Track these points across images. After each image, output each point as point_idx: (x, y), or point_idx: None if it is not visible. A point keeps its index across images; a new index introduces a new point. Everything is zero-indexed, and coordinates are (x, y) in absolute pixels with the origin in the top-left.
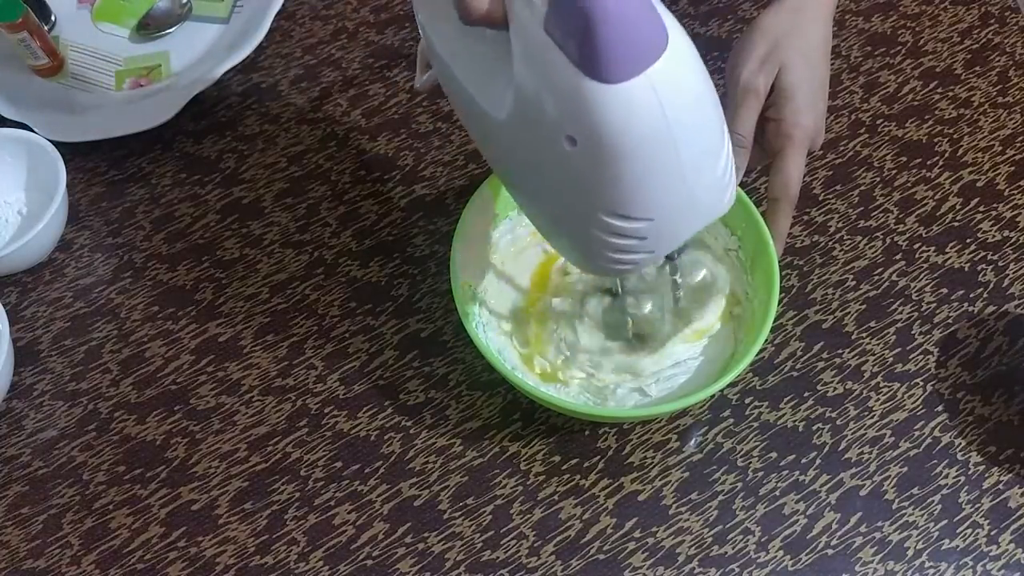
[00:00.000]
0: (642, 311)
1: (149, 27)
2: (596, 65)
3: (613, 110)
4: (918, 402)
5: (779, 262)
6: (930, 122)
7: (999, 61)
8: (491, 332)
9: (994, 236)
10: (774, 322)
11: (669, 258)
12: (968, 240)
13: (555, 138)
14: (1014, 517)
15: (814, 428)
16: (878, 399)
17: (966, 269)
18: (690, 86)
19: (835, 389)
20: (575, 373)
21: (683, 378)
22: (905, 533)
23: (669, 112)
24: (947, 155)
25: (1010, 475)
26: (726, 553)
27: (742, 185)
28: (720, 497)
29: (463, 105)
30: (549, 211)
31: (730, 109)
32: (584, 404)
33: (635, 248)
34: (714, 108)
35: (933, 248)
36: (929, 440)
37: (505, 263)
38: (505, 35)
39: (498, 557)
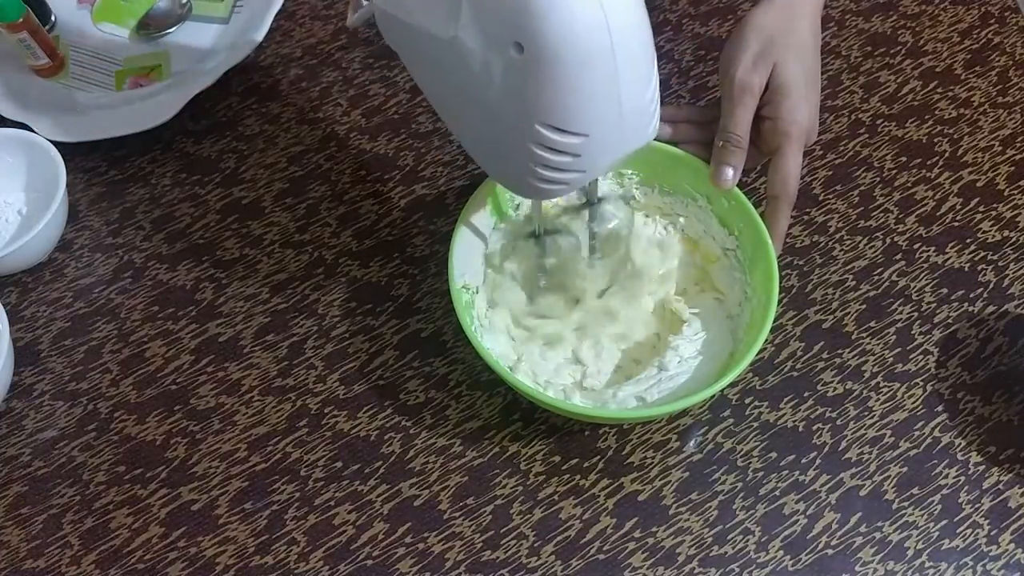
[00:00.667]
0: (558, 257)
1: (149, 27)
2: None
3: (560, 16)
4: (918, 402)
5: (779, 262)
6: (930, 122)
7: (999, 61)
8: (491, 333)
9: (994, 236)
10: (774, 322)
11: (589, 203)
12: (968, 240)
13: (502, 47)
14: (1014, 517)
15: (814, 428)
16: (878, 399)
17: (966, 269)
18: (632, 5)
19: (835, 389)
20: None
21: (683, 378)
22: (905, 533)
23: (612, 25)
24: (947, 155)
25: (1010, 475)
26: (726, 553)
27: (740, 185)
28: (720, 497)
29: (403, 32)
30: (488, 130)
31: (725, 109)
32: (583, 405)
33: (567, 166)
34: (649, 34)
35: (933, 248)
36: (929, 440)
37: (504, 263)
38: None
39: (498, 557)
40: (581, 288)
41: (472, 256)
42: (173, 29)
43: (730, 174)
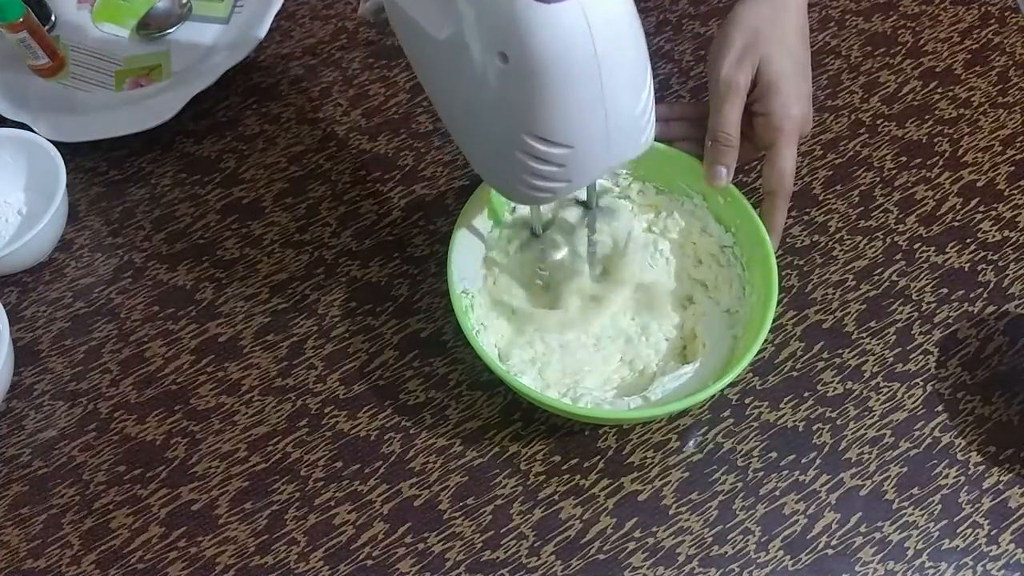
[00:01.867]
0: (555, 256)
1: (149, 27)
2: None
3: (544, 28)
4: (918, 402)
5: (779, 261)
6: (930, 122)
7: (999, 61)
8: (490, 334)
9: (994, 236)
10: (774, 322)
11: (587, 206)
12: (968, 240)
13: (488, 55)
14: (1014, 517)
15: (814, 428)
16: (878, 399)
17: (966, 269)
18: (618, 19)
19: (835, 389)
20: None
21: (683, 378)
22: (905, 533)
23: (597, 38)
24: (947, 155)
25: (1010, 475)
26: (726, 553)
27: (738, 183)
28: (720, 497)
29: (405, 27)
30: (478, 133)
31: (713, 107)
32: (583, 406)
33: (554, 175)
34: (640, 46)
35: (933, 248)
36: (929, 440)
37: (503, 264)
38: None
39: (498, 557)
40: (577, 288)
41: (471, 259)
42: (173, 29)
43: (723, 173)
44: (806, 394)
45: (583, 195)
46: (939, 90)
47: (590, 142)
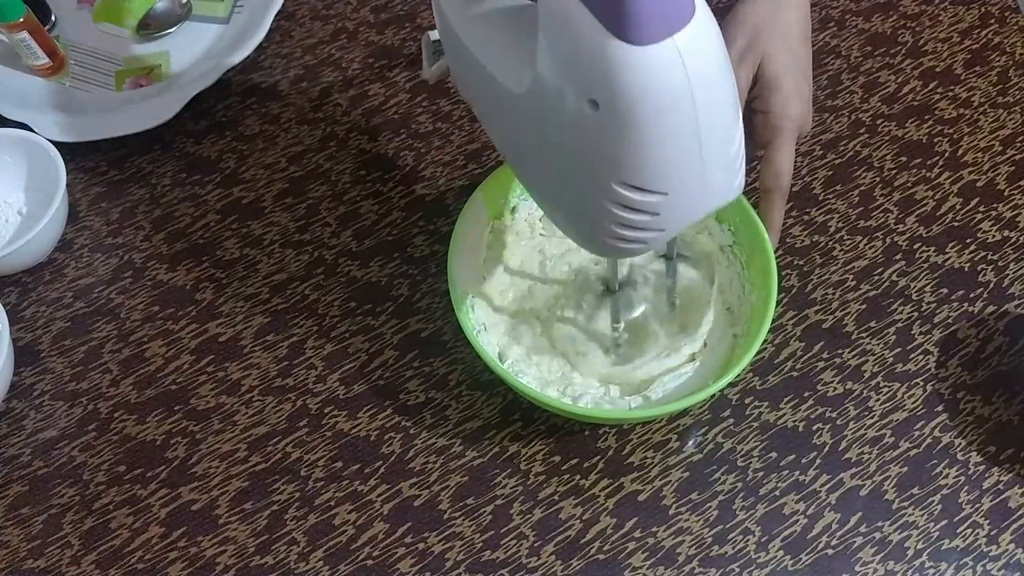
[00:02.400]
0: (633, 313)
1: (149, 27)
2: (625, 26)
3: (638, 72)
4: (918, 402)
5: (779, 261)
6: (930, 122)
7: (999, 61)
8: (490, 334)
9: (994, 236)
10: (774, 322)
11: (667, 257)
12: (968, 240)
13: (577, 103)
14: (1014, 517)
15: (814, 428)
16: (878, 399)
17: (966, 269)
18: (713, 58)
19: (835, 389)
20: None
21: (683, 377)
22: (905, 533)
23: (693, 79)
24: (947, 155)
25: (1010, 475)
26: (726, 553)
27: None
28: (720, 497)
29: (478, 86)
30: (561, 186)
31: None
32: (583, 406)
33: (645, 225)
34: (732, 86)
35: (933, 248)
36: (929, 440)
37: (503, 264)
38: (530, 6)
39: (498, 557)
40: (651, 345)
41: (471, 259)
42: (173, 29)
43: None
44: (806, 394)
45: (663, 247)
46: (939, 90)
47: (685, 188)
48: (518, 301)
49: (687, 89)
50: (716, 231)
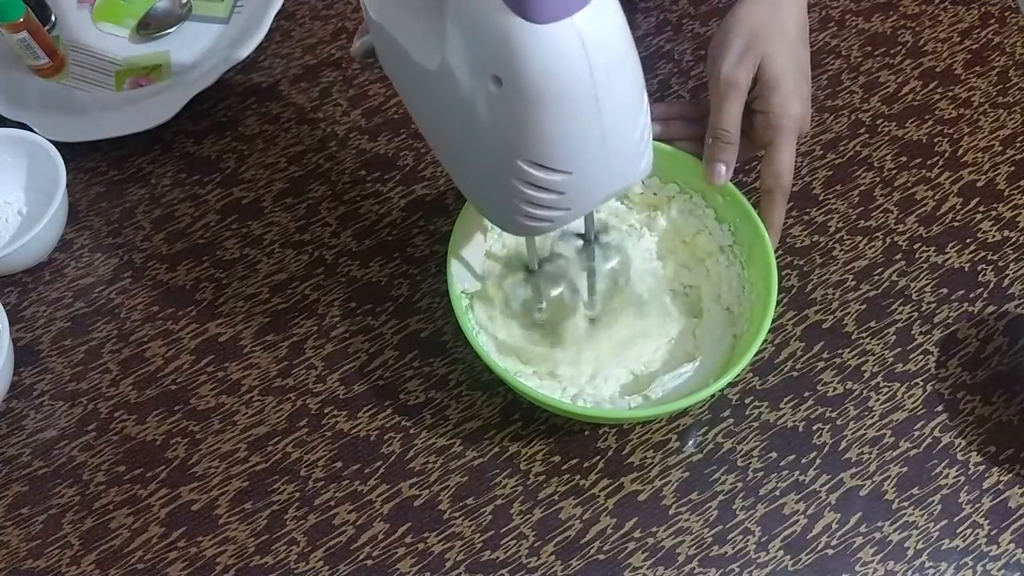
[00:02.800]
0: (552, 294)
1: (150, 27)
2: (525, 4)
3: (537, 50)
4: (918, 402)
5: (779, 261)
6: (930, 122)
7: (999, 61)
8: (490, 334)
9: (994, 236)
10: (773, 322)
11: (587, 241)
12: (968, 240)
13: (481, 80)
14: (1014, 517)
15: (814, 428)
16: (878, 399)
17: (966, 269)
18: (614, 40)
19: (835, 389)
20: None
21: (683, 378)
22: (905, 533)
23: (593, 59)
24: (947, 155)
25: (1010, 475)
26: (726, 553)
27: (738, 183)
28: (720, 497)
29: (395, 62)
30: (473, 164)
31: (713, 105)
32: (582, 406)
33: (552, 203)
34: (636, 67)
35: (933, 248)
36: (929, 440)
37: (494, 300)
38: None
39: (498, 557)
40: (575, 324)
41: (471, 259)
42: (173, 29)
43: (723, 170)
44: (806, 394)
45: (581, 228)
46: (939, 90)
47: (589, 167)
48: (515, 339)
49: (587, 69)
50: (716, 231)
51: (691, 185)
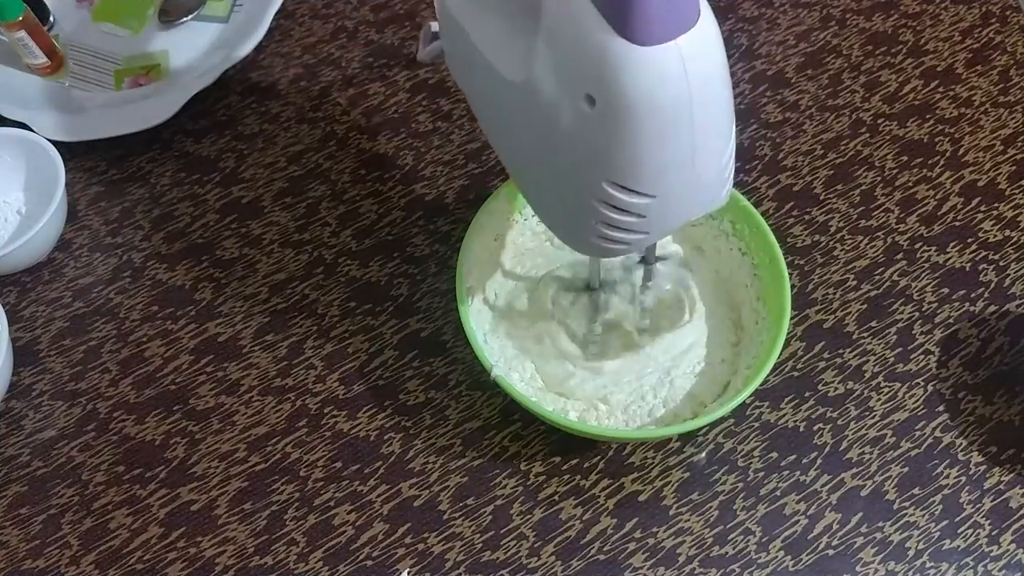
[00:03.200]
0: (608, 314)
1: (169, 14)
2: (630, 25)
3: (639, 72)
4: (919, 402)
5: None
6: (931, 121)
7: (1000, 60)
8: (492, 336)
9: (995, 236)
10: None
11: (646, 262)
12: (969, 240)
13: (572, 98)
14: (1015, 517)
15: (815, 428)
16: (879, 399)
17: (967, 269)
18: (714, 63)
19: (836, 389)
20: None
21: (687, 387)
22: (906, 533)
23: (693, 84)
24: (948, 154)
25: (1011, 475)
26: (727, 553)
27: (739, 185)
28: (721, 497)
29: (473, 71)
30: (550, 181)
31: None
32: (594, 424)
33: (631, 226)
34: (729, 95)
35: (934, 248)
36: (930, 440)
37: (513, 267)
38: None
39: (498, 558)
40: (629, 340)
41: (481, 257)
42: (191, 16)
43: None
44: (807, 394)
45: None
46: (940, 89)
47: (674, 192)
48: (572, 356)
49: (686, 93)
50: (747, 265)
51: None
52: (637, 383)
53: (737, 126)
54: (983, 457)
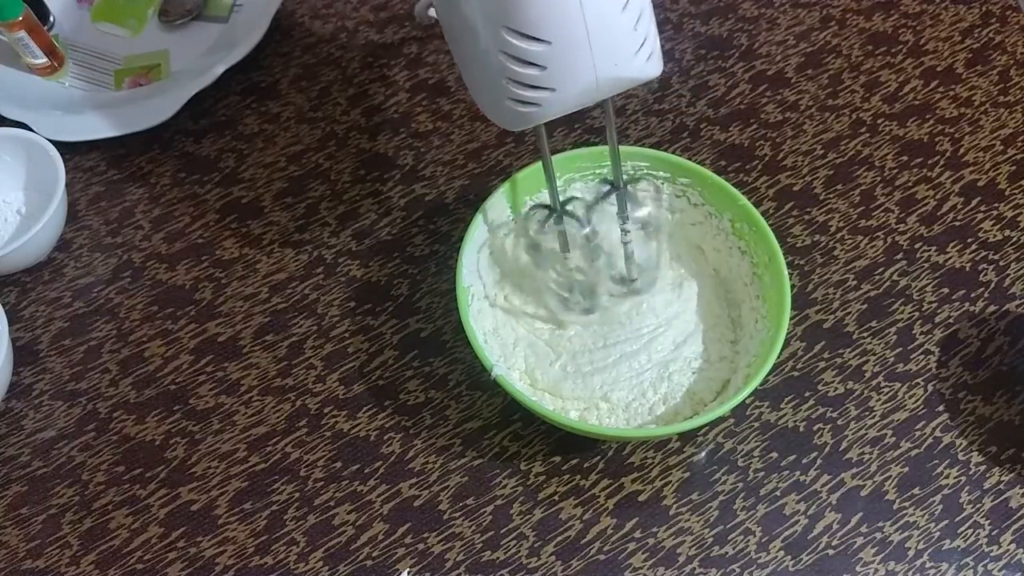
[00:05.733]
0: (591, 263)
1: (169, 14)
2: None
3: None
4: (919, 402)
5: None
6: (931, 121)
7: (1000, 60)
8: (492, 336)
9: (995, 236)
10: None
11: (614, 187)
12: (969, 240)
13: None
14: (1015, 517)
15: (815, 428)
16: (879, 399)
17: (967, 269)
18: None
19: (836, 389)
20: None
21: (685, 386)
22: (906, 533)
23: None
24: (948, 154)
25: (1011, 475)
26: (727, 554)
27: (740, 185)
28: (721, 497)
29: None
30: (472, 48)
31: None
32: (594, 423)
33: (536, 81)
34: None
35: (934, 248)
36: (930, 440)
37: (514, 269)
38: None
39: (498, 557)
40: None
41: (481, 257)
42: (191, 16)
43: None
44: (807, 394)
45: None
46: (940, 89)
47: (569, 40)
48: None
49: None
50: (747, 264)
51: (722, 211)
52: (636, 379)
53: (737, 126)
54: (983, 457)
